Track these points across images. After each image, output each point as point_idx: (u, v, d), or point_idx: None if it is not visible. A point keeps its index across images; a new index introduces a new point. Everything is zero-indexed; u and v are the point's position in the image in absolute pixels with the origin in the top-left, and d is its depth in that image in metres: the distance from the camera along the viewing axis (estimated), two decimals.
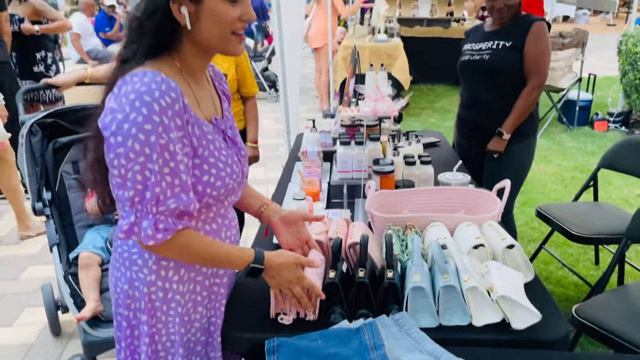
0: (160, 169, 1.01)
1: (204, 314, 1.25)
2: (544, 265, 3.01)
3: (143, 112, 0.98)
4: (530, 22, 2.31)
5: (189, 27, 1.06)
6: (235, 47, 1.12)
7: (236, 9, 1.07)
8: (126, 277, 1.18)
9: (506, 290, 1.16)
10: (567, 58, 5.33)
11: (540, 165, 4.63)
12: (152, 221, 1.03)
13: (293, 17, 3.71)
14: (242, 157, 1.25)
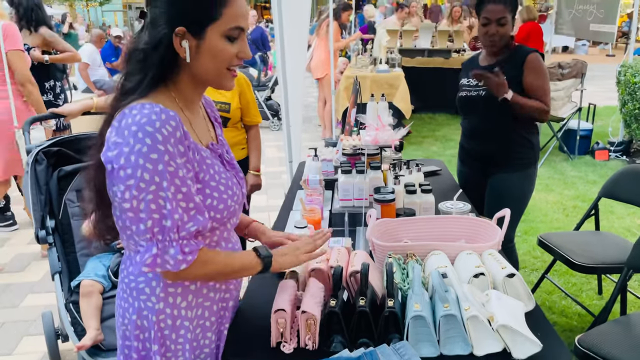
0: (174, 195, 1.04)
1: (212, 339, 1.26)
2: (547, 295, 2.99)
3: (147, 142, 1.01)
4: (525, 54, 2.33)
5: (188, 60, 1.10)
6: (228, 82, 1.17)
7: (234, 46, 1.12)
8: (134, 307, 1.18)
9: (507, 319, 1.16)
10: (567, 88, 5.40)
11: (541, 194, 4.63)
12: (178, 247, 1.06)
13: (296, 47, 3.78)
14: (240, 179, 1.29)
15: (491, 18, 2.29)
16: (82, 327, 2.02)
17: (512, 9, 2.31)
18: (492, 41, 2.34)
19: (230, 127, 2.61)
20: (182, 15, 1.08)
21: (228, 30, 1.10)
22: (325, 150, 2.70)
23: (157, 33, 1.08)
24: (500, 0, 2.28)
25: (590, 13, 6.15)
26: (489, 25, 2.31)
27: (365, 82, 5.93)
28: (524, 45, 2.44)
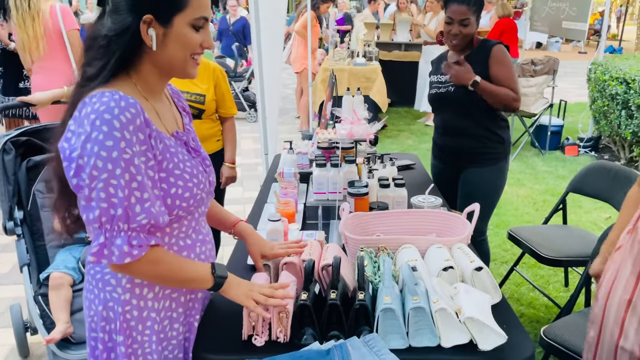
0: (127, 183, 1.02)
1: (180, 330, 1.25)
2: (516, 287, 3.06)
3: (104, 129, 1.00)
4: (489, 47, 2.36)
5: (154, 49, 1.09)
6: (192, 70, 1.17)
7: (199, 35, 1.13)
8: (100, 298, 1.18)
9: (473, 311, 1.19)
10: (539, 85, 5.50)
11: (513, 188, 4.73)
12: (125, 238, 1.04)
13: (272, 37, 3.77)
14: (207, 167, 1.28)
15: (454, 18, 2.32)
16: (52, 320, 1.99)
17: (476, 10, 2.33)
18: (455, 41, 2.36)
19: (205, 119, 2.59)
20: (149, 4, 1.07)
21: (194, 20, 1.11)
22: (301, 143, 2.70)
23: (123, 20, 1.07)
24: (464, 2, 2.30)
25: (563, 10, 6.26)
26: (452, 25, 2.34)
27: (343, 75, 5.94)
28: (488, 39, 2.47)
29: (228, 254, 1.78)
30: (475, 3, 2.32)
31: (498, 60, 2.34)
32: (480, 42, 2.42)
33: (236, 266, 1.66)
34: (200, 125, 2.55)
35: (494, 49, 2.35)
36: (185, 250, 1.21)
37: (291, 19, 7.66)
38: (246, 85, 7.44)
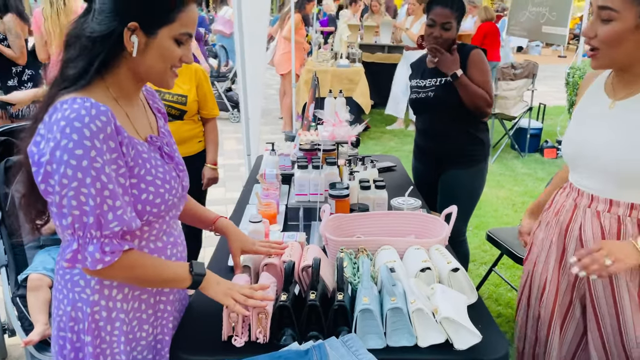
0: (97, 192, 1.03)
1: (150, 332, 1.25)
2: (494, 287, 3.12)
3: (73, 137, 1.00)
4: (467, 52, 2.39)
5: (134, 55, 1.10)
6: (169, 80, 1.18)
7: (180, 50, 1.14)
8: (69, 299, 1.18)
9: (450, 312, 1.22)
10: (519, 88, 5.58)
11: (493, 190, 4.80)
12: (98, 245, 1.05)
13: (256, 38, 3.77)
14: (180, 172, 1.28)
15: (437, 21, 2.35)
16: (30, 322, 1.97)
17: (458, 15, 2.37)
18: (435, 44, 2.37)
19: (187, 120, 2.59)
20: (137, 12, 1.07)
21: (179, 35, 1.13)
22: (283, 145, 2.72)
23: (108, 23, 1.07)
24: (447, 5, 2.33)
25: (543, 15, 6.36)
26: (434, 27, 2.36)
27: (326, 77, 5.96)
28: (467, 44, 2.51)
29: (209, 255, 1.79)
30: (458, 8, 2.36)
31: (475, 64, 2.38)
32: (459, 46, 2.45)
33: (217, 267, 1.67)
34: (181, 127, 2.55)
35: (472, 53, 2.39)
36: (156, 253, 1.21)
37: (275, 20, 7.66)
38: (229, 85, 7.41)
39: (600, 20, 1.33)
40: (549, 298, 1.59)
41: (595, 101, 1.49)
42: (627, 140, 1.37)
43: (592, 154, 1.44)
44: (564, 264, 1.57)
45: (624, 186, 1.40)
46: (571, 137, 1.54)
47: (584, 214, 1.49)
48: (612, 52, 1.34)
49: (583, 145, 1.47)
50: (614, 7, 1.29)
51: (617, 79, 1.45)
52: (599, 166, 1.42)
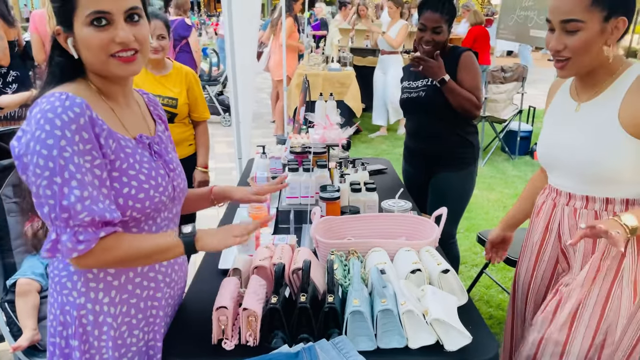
0: (65, 182, 1.02)
1: (140, 337, 1.23)
2: (485, 289, 3.13)
3: (46, 128, 1.01)
4: (458, 54, 2.41)
5: (76, 56, 1.11)
6: (116, 69, 1.11)
7: (105, 33, 1.07)
8: (58, 302, 1.18)
9: (440, 313, 1.22)
10: (509, 91, 5.63)
11: (483, 192, 4.83)
12: (71, 233, 1.04)
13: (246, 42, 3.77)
14: (170, 171, 1.26)
15: (427, 25, 2.37)
16: (19, 327, 1.95)
17: (448, 19, 2.38)
18: (427, 47, 2.40)
19: (177, 123, 2.58)
20: (58, 15, 1.09)
21: (88, 18, 1.05)
22: (274, 148, 2.72)
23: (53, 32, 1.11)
24: (438, 10, 2.35)
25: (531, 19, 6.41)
26: (425, 32, 2.38)
27: (317, 80, 5.97)
28: (458, 47, 2.53)
29: (199, 258, 1.78)
30: (448, 12, 2.38)
31: (466, 66, 2.40)
32: (450, 49, 2.47)
33: (208, 270, 1.67)
34: (172, 130, 2.51)
35: (463, 55, 2.41)
36: None
37: (265, 24, 7.65)
38: (221, 89, 7.40)
39: (565, 33, 1.36)
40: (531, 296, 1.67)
41: (563, 106, 1.55)
42: (593, 141, 1.41)
43: (563, 155, 1.49)
44: (539, 262, 1.64)
45: (596, 183, 1.44)
46: (543, 140, 1.60)
47: (562, 212, 1.54)
48: (583, 58, 1.38)
49: (554, 148, 1.53)
50: (579, 18, 1.33)
51: (579, 83, 1.51)
52: (571, 166, 1.48)
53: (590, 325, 1.45)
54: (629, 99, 1.37)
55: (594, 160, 1.40)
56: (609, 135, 1.39)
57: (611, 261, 1.44)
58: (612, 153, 1.38)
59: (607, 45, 1.38)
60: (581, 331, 1.46)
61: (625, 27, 1.37)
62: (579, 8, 1.33)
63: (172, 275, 1.30)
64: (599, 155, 1.40)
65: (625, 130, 1.36)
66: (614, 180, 1.41)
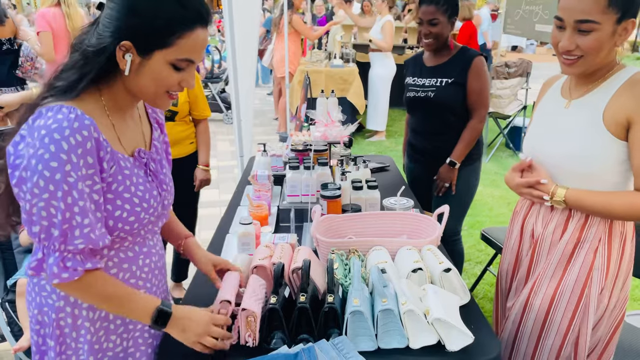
0: (68, 207, 1.00)
1: (117, 342, 1.21)
2: (489, 287, 3.10)
3: (51, 149, 0.98)
4: (470, 58, 2.40)
5: (126, 74, 1.07)
6: (162, 103, 1.14)
7: (178, 75, 1.09)
8: (36, 302, 1.17)
9: (441, 313, 1.20)
10: (513, 87, 5.58)
11: (488, 189, 4.79)
12: (60, 258, 1.03)
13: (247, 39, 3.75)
14: (163, 191, 1.24)
15: (423, 19, 2.38)
16: (19, 327, 1.96)
17: (446, 10, 2.37)
18: (427, 41, 2.42)
19: (178, 121, 2.57)
20: (133, 30, 1.03)
21: (176, 60, 1.07)
22: (275, 146, 2.70)
23: (103, 40, 1.04)
24: (432, 2, 2.36)
25: (536, 14, 6.37)
26: (422, 25, 2.40)
27: (320, 77, 5.95)
28: (469, 48, 2.51)
29: None
30: (445, 3, 2.36)
31: (478, 73, 2.40)
32: (459, 48, 2.46)
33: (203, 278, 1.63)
34: (173, 128, 2.53)
35: (475, 61, 2.39)
36: (126, 263, 1.17)
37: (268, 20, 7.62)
38: (223, 86, 7.39)
39: (578, 32, 1.35)
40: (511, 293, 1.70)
41: (553, 104, 1.56)
42: (576, 136, 1.43)
43: (546, 149, 1.51)
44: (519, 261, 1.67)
45: (575, 178, 1.45)
46: (530, 137, 1.61)
47: (540, 207, 1.58)
48: (593, 59, 1.38)
49: (538, 142, 1.55)
50: (595, 19, 1.32)
51: (575, 80, 1.51)
52: (552, 159, 1.49)
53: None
54: (615, 100, 1.38)
55: (574, 154, 1.42)
56: (592, 133, 1.40)
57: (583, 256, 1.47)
58: (593, 150, 1.39)
59: (616, 46, 1.38)
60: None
61: (634, 29, 1.37)
62: (596, 10, 1.32)
63: (152, 280, 1.26)
64: (579, 150, 1.41)
65: (607, 129, 1.38)
66: (592, 177, 1.42)
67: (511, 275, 1.71)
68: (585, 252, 1.47)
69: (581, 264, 1.47)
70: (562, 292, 1.49)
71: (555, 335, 1.51)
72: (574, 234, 1.48)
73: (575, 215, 1.48)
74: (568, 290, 1.48)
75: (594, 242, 1.46)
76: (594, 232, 1.46)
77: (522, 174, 1.56)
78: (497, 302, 1.81)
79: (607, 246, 1.46)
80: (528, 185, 1.51)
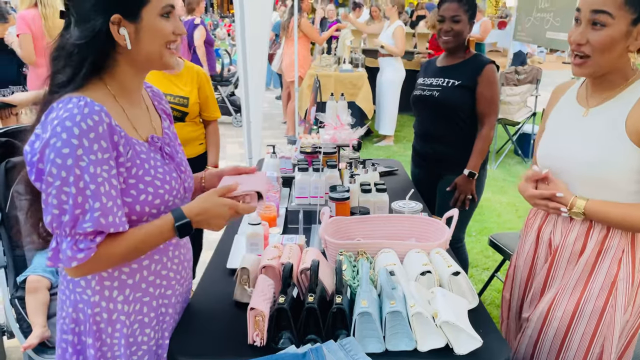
0: (79, 191, 1.01)
1: (151, 336, 1.24)
2: (497, 293, 3.09)
3: (62, 136, 1.00)
4: (482, 65, 2.40)
5: (129, 47, 1.09)
6: (169, 59, 1.17)
7: (169, 23, 1.14)
8: (70, 300, 1.17)
9: (450, 316, 1.20)
10: (522, 93, 5.57)
11: (495, 195, 4.77)
12: (72, 242, 1.04)
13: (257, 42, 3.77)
14: (182, 173, 1.27)
15: (446, 15, 2.39)
16: (28, 324, 1.96)
17: (467, 9, 2.38)
18: (446, 37, 2.41)
19: (188, 122, 2.58)
20: (114, 4, 1.07)
21: (162, 9, 1.12)
22: (284, 148, 2.71)
23: (92, 25, 1.06)
24: (455, 0, 2.38)
25: (547, 21, 6.35)
26: (444, 23, 2.40)
27: (329, 81, 5.96)
28: (481, 55, 2.51)
29: (208, 258, 1.78)
30: (467, 3, 2.38)
31: (489, 81, 2.40)
32: (472, 54, 2.46)
33: (216, 269, 1.66)
34: (183, 129, 2.55)
35: (486, 68, 2.39)
36: (157, 254, 1.20)
37: (276, 24, 7.65)
38: (232, 89, 7.42)
39: (591, 27, 1.34)
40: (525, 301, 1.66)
41: (569, 111, 1.53)
42: (596, 145, 1.40)
43: (566, 159, 1.47)
44: (534, 271, 1.63)
45: (595, 188, 1.42)
46: (546, 144, 1.58)
47: (557, 217, 1.53)
48: (602, 58, 1.36)
49: (557, 152, 1.51)
50: (610, 11, 1.31)
51: (592, 87, 1.48)
52: (572, 169, 1.46)
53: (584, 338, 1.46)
54: (638, 108, 1.36)
55: (595, 163, 1.39)
56: (613, 141, 1.37)
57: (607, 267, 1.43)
58: (612, 158, 1.37)
59: (629, 51, 1.36)
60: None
61: None
62: (612, 3, 1.31)
63: (182, 272, 1.30)
64: (600, 159, 1.38)
65: (629, 138, 1.35)
66: (613, 186, 1.39)
67: (525, 285, 1.67)
68: (609, 263, 1.43)
69: (605, 275, 1.43)
70: (585, 305, 1.45)
71: (576, 350, 1.46)
72: (596, 245, 1.44)
73: (596, 226, 1.44)
74: (591, 302, 1.44)
75: (618, 253, 1.42)
76: (617, 243, 1.42)
77: (537, 185, 1.53)
78: (507, 311, 1.77)
79: (631, 256, 1.42)
80: (543, 198, 1.48)
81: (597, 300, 1.43)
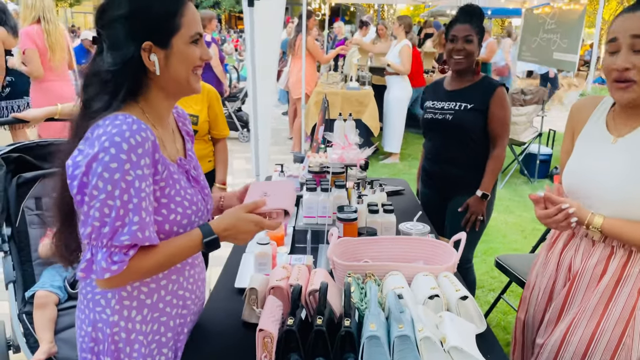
0: (123, 204, 1.04)
1: (169, 355, 1.25)
2: (503, 315, 3.07)
3: (111, 151, 1.03)
4: (493, 87, 2.42)
5: (158, 73, 1.12)
6: (196, 84, 1.21)
7: (198, 49, 1.18)
8: (90, 319, 1.18)
9: (458, 341, 1.20)
10: (529, 114, 5.59)
11: (501, 215, 4.76)
12: (107, 254, 1.05)
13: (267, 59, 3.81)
14: (205, 196, 1.30)
15: (458, 35, 2.41)
16: (35, 339, 1.97)
17: (478, 32, 2.41)
18: (458, 57, 2.42)
19: (197, 140, 2.61)
20: (147, 32, 1.11)
21: (190, 37, 1.16)
22: (292, 167, 2.72)
23: (124, 52, 1.10)
24: (467, 21, 2.41)
25: (554, 42, 6.40)
26: (456, 42, 2.42)
27: (336, 99, 6.01)
28: (490, 78, 2.54)
29: (216, 274, 1.79)
30: (477, 25, 2.42)
31: (501, 103, 2.42)
32: (481, 77, 2.49)
33: (224, 288, 1.67)
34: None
35: (498, 90, 2.42)
36: (174, 274, 1.22)
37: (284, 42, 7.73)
38: (240, 105, 7.49)
39: (633, 53, 1.33)
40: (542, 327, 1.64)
41: (598, 136, 1.52)
42: (629, 175, 1.39)
43: (594, 187, 1.46)
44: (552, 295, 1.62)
45: (611, 209, 1.42)
46: (573, 169, 1.56)
47: (580, 241, 1.53)
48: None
49: (585, 178, 1.50)
50: None
51: (621, 114, 1.47)
52: (601, 198, 1.45)
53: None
54: None
55: (627, 195, 1.38)
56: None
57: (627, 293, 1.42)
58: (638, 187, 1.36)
59: None
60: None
61: None
62: None
63: (196, 292, 1.32)
64: (633, 190, 1.37)
65: None
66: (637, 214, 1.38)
67: (543, 309, 1.65)
68: (629, 291, 1.42)
69: (624, 303, 1.42)
70: (603, 331, 1.43)
71: None
72: (616, 270, 1.44)
73: (618, 252, 1.44)
74: (609, 329, 1.43)
75: (638, 281, 1.42)
76: (638, 270, 1.42)
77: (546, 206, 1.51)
78: (521, 334, 1.75)
79: None
80: (547, 217, 1.48)
81: (614, 328, 1.42)
